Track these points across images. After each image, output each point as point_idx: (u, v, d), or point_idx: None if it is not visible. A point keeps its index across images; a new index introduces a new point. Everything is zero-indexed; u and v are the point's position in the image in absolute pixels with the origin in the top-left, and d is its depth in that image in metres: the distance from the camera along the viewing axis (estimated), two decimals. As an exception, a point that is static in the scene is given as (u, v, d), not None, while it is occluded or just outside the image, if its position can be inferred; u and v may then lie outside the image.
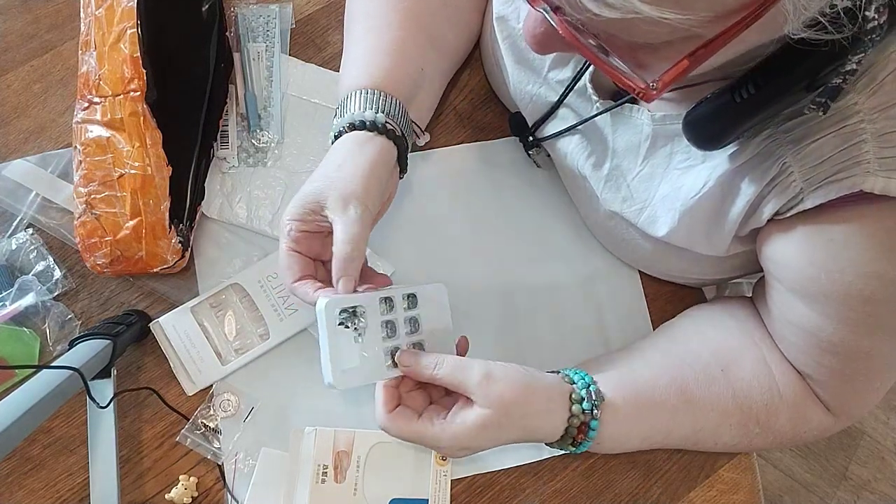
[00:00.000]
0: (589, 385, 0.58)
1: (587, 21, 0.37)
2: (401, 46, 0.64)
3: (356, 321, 0.55)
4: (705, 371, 0.62)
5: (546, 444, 0.59)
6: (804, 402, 0.61)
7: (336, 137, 0.60)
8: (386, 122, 0.59)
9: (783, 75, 0.43)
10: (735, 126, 0.47)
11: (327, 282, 0.56)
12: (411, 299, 0.58)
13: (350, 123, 0.59)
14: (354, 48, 0.65)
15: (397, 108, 0.60)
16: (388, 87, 0.61)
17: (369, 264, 0.63)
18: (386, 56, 0.63)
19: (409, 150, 0.63)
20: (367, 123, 0.58)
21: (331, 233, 0.55)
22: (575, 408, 0.56)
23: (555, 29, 0.39)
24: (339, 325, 0.54)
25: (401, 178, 0.63)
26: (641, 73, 0.40)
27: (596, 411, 0.57)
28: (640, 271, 0.73)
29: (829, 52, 0.39)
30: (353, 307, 0.54)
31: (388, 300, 0.56)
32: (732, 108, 0.45)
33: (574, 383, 0.58)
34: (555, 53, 0.62)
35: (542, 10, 0.39)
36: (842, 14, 0.37)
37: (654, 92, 0.40)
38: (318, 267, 0.59)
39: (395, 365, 0.56)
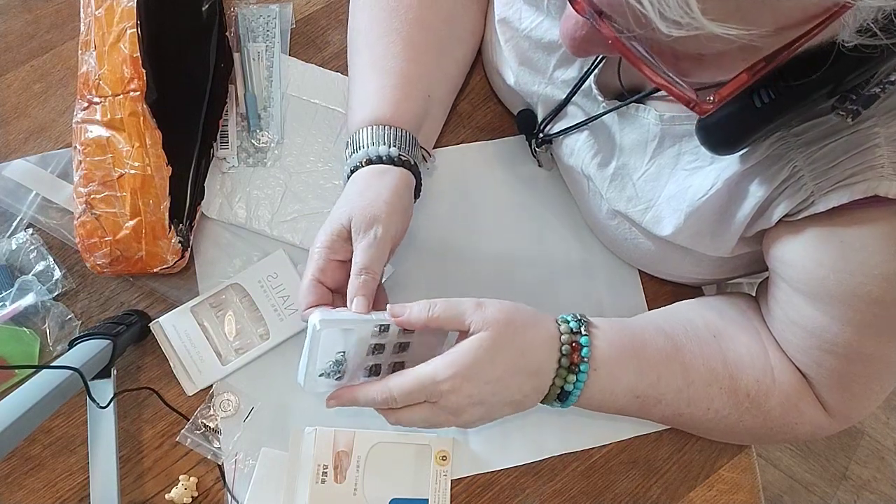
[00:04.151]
0: (573, 314, 0.58)
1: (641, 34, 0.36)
2: (406, 78, 0.64)
3: (339, 366, 0.56)
4: (697, 333, 0.61)
5: (548, 388, 0.56)
6: (798, 394, 0.60)
7: (352, 171, 0.62)
8: (399, 154, 0.61)
9: (808, 79, 0.42)
10: (753, 131, 0.46)
11: None
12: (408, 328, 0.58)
13: (367, 159, 0.61)
14: (361, 83, 0.66)
15: (408, 140, 0.62)
16: (398, 121, 0.62)
17: None
18: (393, 90, 0.64)
19: (421, 175, 0.64)
20: (384, 157, 0.60)
21: None
22: (563, 327, 0.57)
23: (597, 33, 0.39)
24: (321, 375, 0.56)
25: (415, 201, 0.65)
26: (685, 81, 0.39)
27: (584, 328, 0.57)
28: (640, 271, 0.73)
29: (857, 58, 0.39)
30: (339, 359, 0.56)
31: (384, 327, 0.56)
32: (752, 112, 0.44)
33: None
34: (560, 53, 0.62)
35: (588, 17, 0.38)
36: (894, 19, 0.36)
37: (711, 106, 0.39)
38: (336, 298, 0.59)
39: (370, 376, 0.58)
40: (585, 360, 0.56)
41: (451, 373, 0.53)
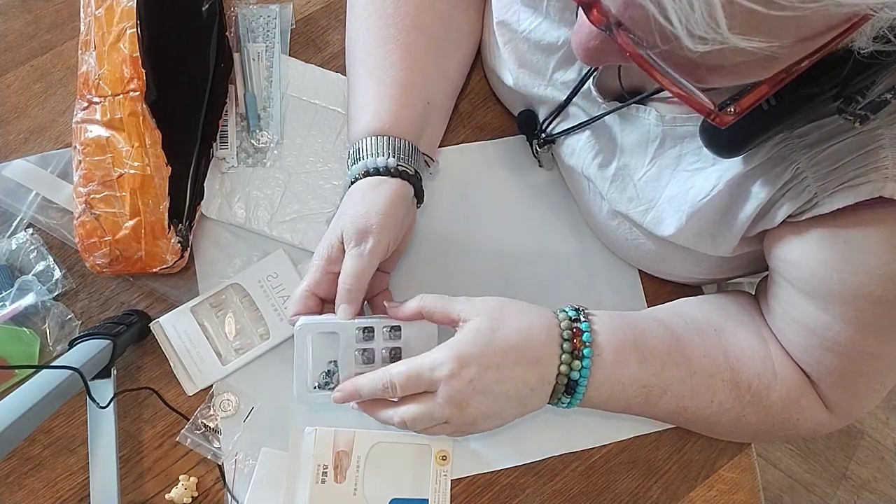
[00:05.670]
0: (569, 305, 0.59)
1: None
2: (405, 86, 0.64)
3: (331, 376, 0.60)
4: (697, 326, 0.61)
5: (554, 378, 0.56)
6: (799, 390, 0.60)
7: (352, 183, 0.63)
8: (398, 164, 0.61)
9: (815, 82, 0.41)
10: (758, 134, 0.46)
11: None
12: (394, 331, 0.59)
13: (364, 171, 0.61)
14: (360, 93, 0.66)
15: (408, 149, 0.63)
16: (397, 130, 0.63)
17: None
18: (392, 99, 0.64)
19: (423, 181, 0.65)
20: (381, 169, 0.61)
21: None
22: (561, 315, 0.57)
23: (611, 42, 0.38)
24: (316, 387, 0.59)
25: (418, 207, 0.66)
26: (703, 92, 0.39)
27: (582, 316, 0.57)
28: (640, 271, 0.73)
29: (865, 62, 0.38)
30: (331, 369, 0.59)
31: (367, 329, 0.58)
32: (757, 115, 0.44)
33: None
34: (559, 55, 0.62)
35: (604, 29, 0.38)
36: None
37: (731, 117, 0.39)
38: (328, 309, 0.60)
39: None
40: (588, 344, 0.56)
41: (449, 356, 0.53)
